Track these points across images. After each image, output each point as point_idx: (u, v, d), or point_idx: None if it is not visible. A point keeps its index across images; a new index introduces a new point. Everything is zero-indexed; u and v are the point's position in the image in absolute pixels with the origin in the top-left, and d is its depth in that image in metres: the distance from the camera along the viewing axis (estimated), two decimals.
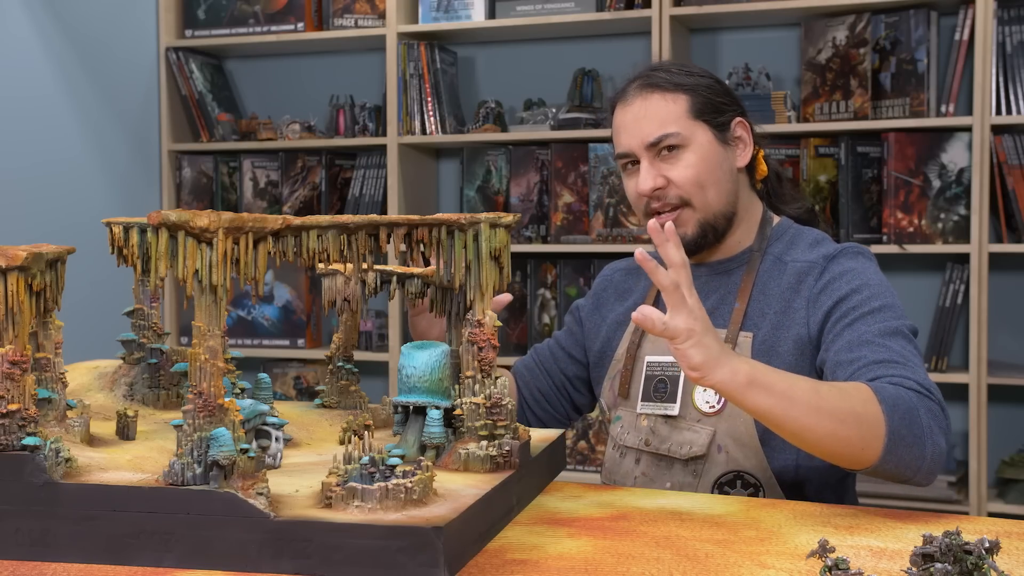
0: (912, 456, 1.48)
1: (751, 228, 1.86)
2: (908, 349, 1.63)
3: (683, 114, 1.79)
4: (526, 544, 1.28)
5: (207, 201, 4.05)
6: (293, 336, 3.93)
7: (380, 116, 3.86)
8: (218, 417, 1.18)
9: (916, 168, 3.33)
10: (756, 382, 1.40)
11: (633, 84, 1.84)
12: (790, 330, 1.73)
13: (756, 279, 1.80)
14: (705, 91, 1.81)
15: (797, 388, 1.43)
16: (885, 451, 1.45)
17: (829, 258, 1.77)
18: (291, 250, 1.27)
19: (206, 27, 3.97)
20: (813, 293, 1.74)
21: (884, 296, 1.70)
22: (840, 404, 1.44)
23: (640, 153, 1.79)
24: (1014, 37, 3.25)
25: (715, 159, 1.80)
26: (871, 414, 1.45)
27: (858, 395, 1.47)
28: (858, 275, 1.73)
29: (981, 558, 0.96)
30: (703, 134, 1.79)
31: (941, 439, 1.51)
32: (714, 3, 3.43)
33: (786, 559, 1.24)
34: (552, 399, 2.01)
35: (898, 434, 1.46)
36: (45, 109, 3.51)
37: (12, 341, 1.23)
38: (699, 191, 1.78)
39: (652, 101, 1.79)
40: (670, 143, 1.77)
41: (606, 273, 2.05)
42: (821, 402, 1.43)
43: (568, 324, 2.04)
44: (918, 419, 1.48)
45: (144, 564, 1.17)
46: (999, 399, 3.36)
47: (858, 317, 1.67)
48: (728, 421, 1.73)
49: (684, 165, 1.77)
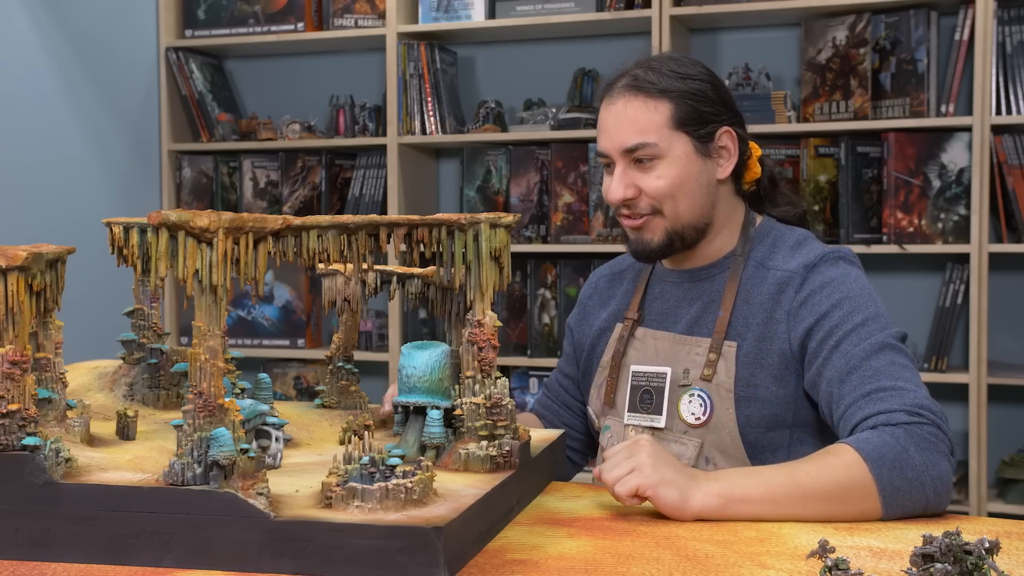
0: (914, 499, 1.48)
1: (733, 232, 1.82)
2: (896, 364, 1.61)
3: (663, 123, 1.74)
4: (526, 544, 1.28)
5: (207, 201, 4.05)
6: (293, 336, 3.93)
7: (380, 116, 3.86)
8: (218, 417, 1.18)
9: (916, 168, 3.33)
10: (732, 498, 1.43)
11: (621, 81, 1.79)
12: (773, 343, 1.71)
13: (740, 286, 1.77)
14: (691, 99, 1.75)
15: (775, 486, 1.45)
16: (884, 507, 1.46)
17: (809, 267, 1.73)
18: (291, 250, 1.27)
19: (206, 27, 3.97)
20: (793, 307, 1.71)
21: (866, 307, 1.67)
22: (824, 484, 1.45)
23: (616, 157, 1.76)
24: (1014, 37, 3.25)
25: (692, 171, 1.75)
26: (858, 481, 1.45)
27: (840, 464, 1.47)
28: (838, 287, 1.70)
29: (981, 558, 0.96)
30: (682, 145, 1.74)
31: (942, 463, 1.50)
32: (714, 3, 3.43)
33: (786, 559, 1.24)
34: (580, 428, 1.99)
35: (892, 487, 1.46)
36: (45, 109, 3.51)
37: (12, 341, 1.23)
38: (671, 202, 1.74)
39: (634, 106, 1.75)
40: (646, 154, 1.74)
41: (591, 281, 2.03)
42: (803, 491, 1.44)
43: (565, 349, 2.03)
44: (909, 462, 1.48)
45: (144, 564, 1.17)
46: (999, 399, 3.36)
47: (843, 337, 1.65)
48: (715, 433, 1.73)
49: (656, 176, 1.74)
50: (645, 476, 1.42)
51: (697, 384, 1.74)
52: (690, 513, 1.42)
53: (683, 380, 1.75)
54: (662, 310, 1.84)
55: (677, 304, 1.83)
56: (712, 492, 1.43)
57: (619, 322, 1.89)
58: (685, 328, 1.79)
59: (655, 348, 1.81)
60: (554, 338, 3.66)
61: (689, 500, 1.42)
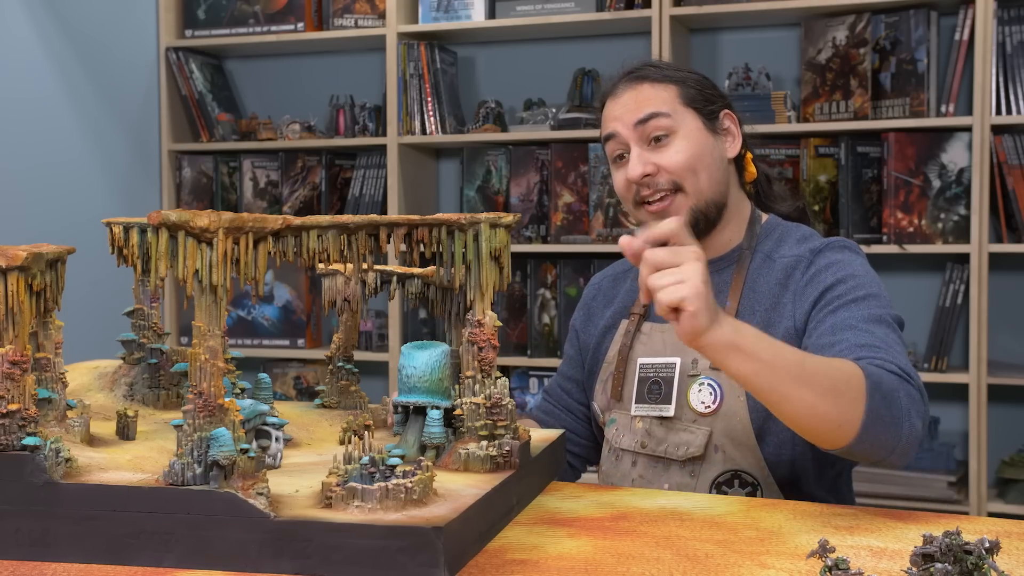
0: (888, 436, 1.47)
1: (740, 226, 1.86)
2: (891, 337, 1.63)
3: (673, 99, 1.79)
4: (526, 544, 1.28)
5: (207, 201, 4.05)
6: (293, 336, 3.93)
7: (380, 116, 3.86)
8: (218, 417, 1.18)
9: (916, 168, 3.33)
10: (738, 347, 1.39)
11: (622, 80, 1.84)
12: (780, 324, 1.73)
13: (746, 277, 1.80)
14: (694, 84, 1.82)
15: (780, 357, 1.42)
16: (862, 428, 1.45)
17: (816, 251, 1.78)
18: (291, 250, 1.27)
19: (206, 27, 3.97)
20: (800, 286, 1.75)
21: (869, 286, 1.71)
22: (823, 378, 1.43)
23: (629, 137, 1.79)
24: (1014, 37, 3.25)
25: (705, 145, 1.80)
26: (853, 390, 1.45)
27: (843, 370, 1.46)
28: (844, 266, 1.74)
29: (981, 558, 0.96)
30: (692, 120, 1.80)
31: (918, 421, 1.52)
32: (714, 3, 3.43)
33: (786, 559, 1.24)
34: (583, 433, 1.99)
35: (876, 412, 1.45)
36: (45, 109, 3.51)
37: (12, 341, 1.23)
38: (691, 175, 1.77)
39: (642, 90, 1.80)
40: (659, 125, 1.77)
41: (594, 282, 2.04)
42: (803, 372, 1.42)
43: (568, 352, 2.03)
44: (897, 400, 1.49)
45: (144, 564, 1.17)
46: (999, 399, 3.36)
47: (842, 304, 1.67)
48: (724, 421, 1.73)
49: (674, 151, 1.77)
50: (694, 291, 1.34)
51: (706, 373, 1.75)
52: (699, 342, 1.38)
53: (692, 370, 1.77)
54: None
55: None
56: (726, 332, 1.38)
57: (624, 319, 1.90)
58: None
59: (662, 340, 1.82)
60: (554, 338, 3.66)
61: (707, 331, 1.37)
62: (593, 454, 2.00)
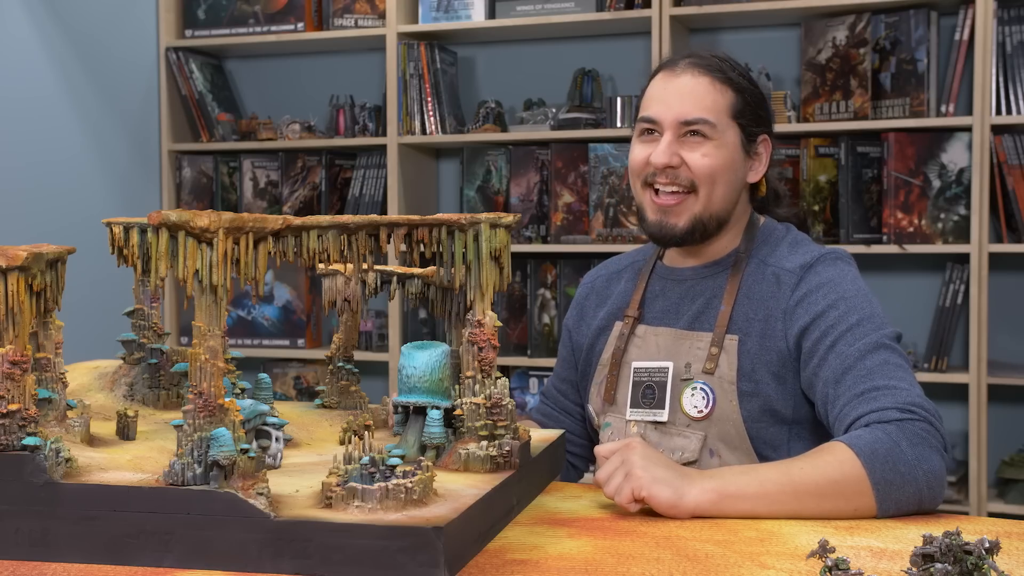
0: (908, 493, 1.48)
1: (738, 233, 1.85)
2: (890, 364, 1.62)
3: (725, 108, 1.78)
4: (526, 544, 1.28)
5: (207, 201, 4.05)
6: (293, 336, 3.93)
7: (380, 116, 3.86)
8: (218, 417, 1.18)
9: (916, 168, 3.33)
10: (723, 494, 1.43)
11: (686, 59, 1.81)
12: (773, 341, 1.73)
13: (741, 282, 1.79)
14: (751, 97, 1.81)
15: (770, 482, 1.45)
16: (879, 502, 1.46)
17: (806, 268, 1.76)
18: (291, 250, 1.27)
19: (206, 27, 3.97)
20: (789, 305, 1.73)
21: (861, 308, 1.69)
22: (817, 480, 1.45)
23: (668, 127, 1.78)
24: (1014, 37, 3.25)
25: (734, 162, 1.79)
26: (852, 476, 1.46)
27: (834, 460, 1.47)
28: (834, 287, 1.72)
29: (981, 558, 0.96)
30: (733, 135, 1.79)
31: (934, 458, 1.51)
32: (714, 3, 3.43)
33: (786, 559, 1.24)
34: (582, 433, 1.99)
35: (885, 481, 1.46)
36: (45, 109, 3.51)
37: (12, 341, 1.23)
38: (709, 183, 1.77)
39: (702, 83, 1.78)
40: (703, 130, 1.76)
41: (587, 280, 2.04)
42: (797, 487, 1.45)
43: (561, 353, 2.03)
44: (901, 457, 1.48)
45: (144, 564, 1.17)
46: (999, 399, 3.36)
47: (838, 337, 1.66)
48: (718, 425, 1.73)
49: (703, 153, 1.76)
50: (637, 479, 1.43)
51: (699, 377, 1.75)
52: (685, 510, 1.42)
53: (685, 374, 1.77)
54: (664, 307, 1.85)
55: (679, 301, 1.84)
56: (707, 488, 1.43)
57: (618, 320, 1.90)
58: (687, 324, 1.80)
59: (656, 344, 1.82)
60: (554, 338, 3.66)
61: (684, 497, 1.42)
62: (593, 454, 2.00)
